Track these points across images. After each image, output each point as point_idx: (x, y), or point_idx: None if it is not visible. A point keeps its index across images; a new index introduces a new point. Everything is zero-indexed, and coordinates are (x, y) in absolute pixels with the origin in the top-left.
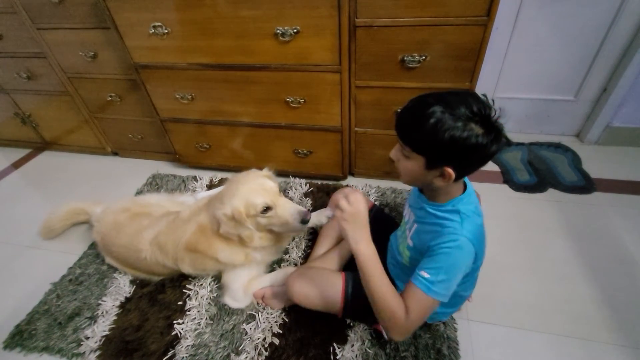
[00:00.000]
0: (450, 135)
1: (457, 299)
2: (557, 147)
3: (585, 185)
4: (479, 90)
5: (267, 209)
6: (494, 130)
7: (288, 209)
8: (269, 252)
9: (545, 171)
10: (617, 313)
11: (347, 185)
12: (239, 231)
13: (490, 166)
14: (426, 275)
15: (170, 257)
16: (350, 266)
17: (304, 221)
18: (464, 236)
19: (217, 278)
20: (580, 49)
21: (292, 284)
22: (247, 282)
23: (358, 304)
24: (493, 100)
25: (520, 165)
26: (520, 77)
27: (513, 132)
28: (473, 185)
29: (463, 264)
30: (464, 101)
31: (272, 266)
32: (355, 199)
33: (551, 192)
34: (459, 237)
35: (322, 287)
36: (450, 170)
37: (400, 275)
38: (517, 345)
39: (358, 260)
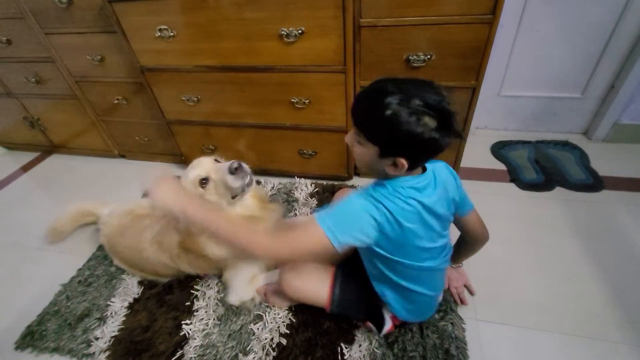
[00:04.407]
0: (406, 130)
1: (412, 295)
2: (565, 145)
3: (593, 183)
4: (485, 88)
5: (203, 180)
6: (446, 123)
7: (219, 169)
8: None
9: (552, 169)
10: (627, 312)
11: (352, 186)
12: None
13: (497, 165)
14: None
15: (168, 254)
16: (344, 262)
17: (231, 170)
18: (366, 192)
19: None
20: (586, 46)
21: (284, 277)
22: (249, 278)
23: (344, 299)
24: (447, 89)
25: (527, 164)
26: (526, 75)
27: (520, 130)
28: (479, 183)
29: (354, 212)
30: (421, 92)
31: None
32: (153, 190)
33: (559, 191)
34: (362, 191)
35: (312, 281)
36: (403, 161)
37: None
38: (526, 344)
39: (196, 226)
